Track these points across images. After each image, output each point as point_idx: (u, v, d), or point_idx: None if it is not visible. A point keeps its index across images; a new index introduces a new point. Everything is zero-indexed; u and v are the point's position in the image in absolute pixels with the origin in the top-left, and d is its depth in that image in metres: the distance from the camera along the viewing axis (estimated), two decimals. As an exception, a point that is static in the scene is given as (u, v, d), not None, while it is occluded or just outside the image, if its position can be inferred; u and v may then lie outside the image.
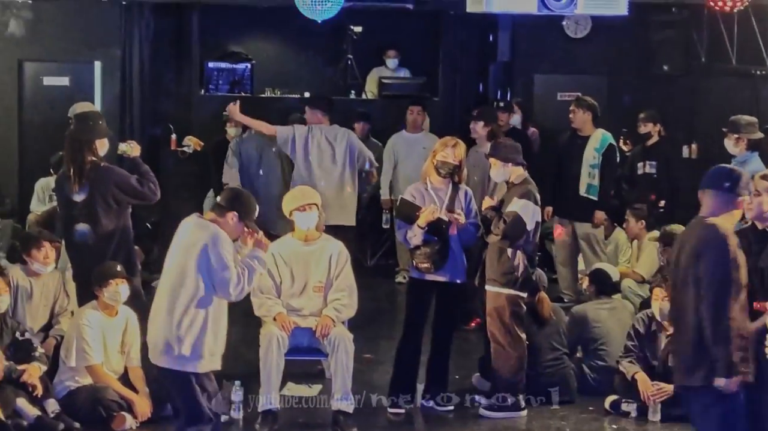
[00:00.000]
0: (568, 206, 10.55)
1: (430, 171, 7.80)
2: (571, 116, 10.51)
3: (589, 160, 10.34)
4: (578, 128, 10.47)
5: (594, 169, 10.32)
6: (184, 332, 6.05)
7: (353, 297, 7.69)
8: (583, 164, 10.35)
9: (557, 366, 8.17)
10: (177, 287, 6.09)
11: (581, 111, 10.42)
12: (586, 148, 10.36)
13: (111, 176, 7.64)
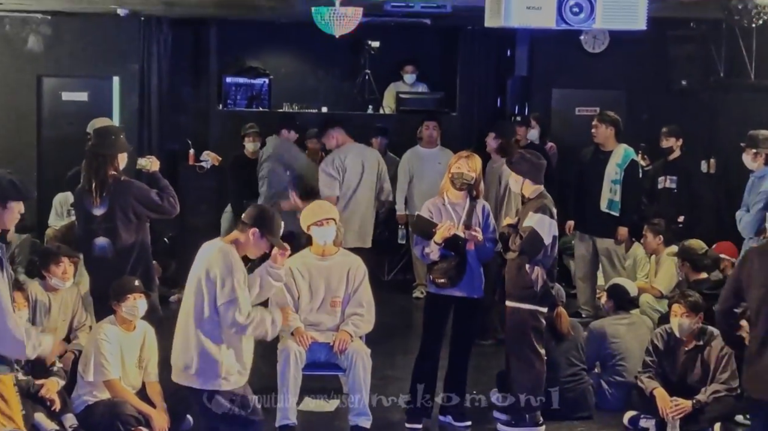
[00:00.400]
0: (589, 221, 10.52)
1: (448, 186, 7.79)
2: (594, 131, 10.48)
3: (611, 175, 10.32)
4: (601, 143, 10.44)
5: (616, 184, 10.29)
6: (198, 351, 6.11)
7: (371, 312, 7.68)
8: (605, 180, 10.32)
9: (575, 381, 8.14)
10: (190, 310, 6.16)
11: (604, 126, 10.40)
12: (608, 163, 10.33)
13: (131, 190, 7.68)
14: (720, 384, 7.87)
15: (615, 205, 10.32)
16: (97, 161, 7.68)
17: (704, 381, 7.93)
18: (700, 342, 7.97)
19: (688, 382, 7.97)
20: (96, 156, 7.71)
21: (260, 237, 6.17)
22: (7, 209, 5.70)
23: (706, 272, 8.81)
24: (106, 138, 7.82)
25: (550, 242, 7.66)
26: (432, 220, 7.70)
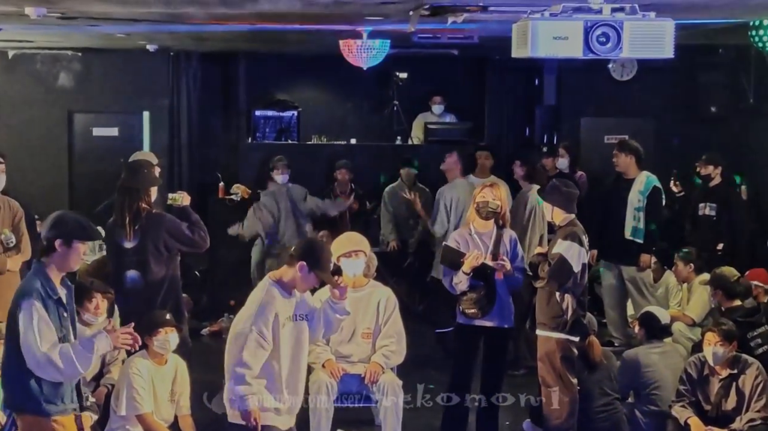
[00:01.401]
0: (613, 249, 10.50)
1: (473, 216, 7.80)
2: (615, 159, 10.49)
3: (633, 203, 10.31)
4: (622, 171, 10.44)
5: (639, 212, 10.28)
6: None
7: (402, 343, 7.67)
8: (628, 207, 10.32)
9: (609, 411, 8.09)
10: None
11: (623, 155, 10.41)
12: (630, 191, 10.32)
13: (163, 223, 7.74)
14: (755, 412, 7.80)
15: (639, 232, 10.30)
16: (130, 194, 7.74)
17: (739, 409, 7.85)
18: (734, 371, 7.90)
19: (723, 411, 7.89)
20: (128, 190, 7.77)
21: (308, 271, 6.11)
22: (72, 249, 5.70)
23: (739, 299, 8.75)
24: (137, 172, 7.88)
25: (580, 270, 7.63)
26: (459, 250, 7.70)
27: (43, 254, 5.73)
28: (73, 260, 5.74)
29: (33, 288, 5.59)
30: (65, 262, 5.72)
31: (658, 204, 10.40)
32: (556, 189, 7.82)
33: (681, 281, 10.09)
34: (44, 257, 5.72)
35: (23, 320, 5.51)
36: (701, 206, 10.83)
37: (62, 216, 5.86)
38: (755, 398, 7.82)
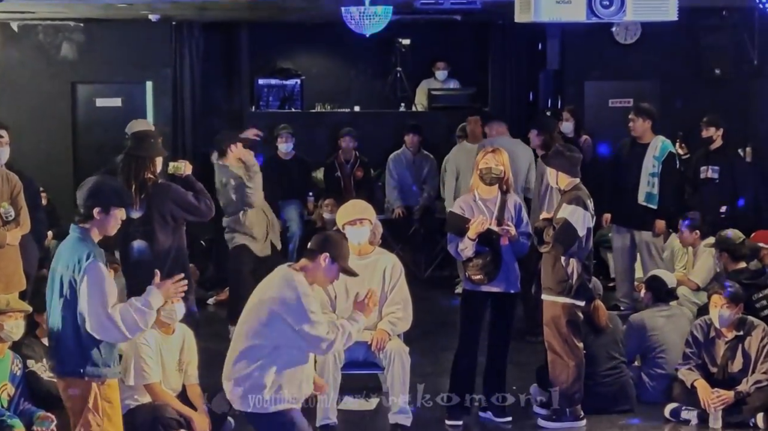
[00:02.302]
0: (626, 214, 10.47)
1: (477, 182, 7.79)
2: (631, 124, 10.42)
3: (648, 168, 10.26)
4: (638, 136, 10.38)
5: (653, 177, 10.23)
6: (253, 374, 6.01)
7: (408, 310, 7.68)
8: (642, 173, 10.26)
9: (615, 375, 8.11)
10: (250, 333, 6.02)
11: (641, 120, 10.35)
12: (645, 156, 10.27)
13: (169, 193, 7.74)
14: (762, 374, 7.83)
15: (653, 198, 10.26)
16: (136, 164, 7.74)
17: (745, 371, 7.89)
18: (740, 333, 7.93)
19: (729, 373, 7.93)
20: (134, 159, 7.77)
21: (332, 263, 6.07)
22: (110, 215, 5.79)
23: (744, 261, 8.76)
24: (144, 141, 7.88)
25: (585, 235, 7.64)
26: (464, 216, 7.70)
27: (81, 221, 5.80)
28: (111, 226, 5.84)
29: (90, 250, 5.68)
30: (104, 228, 5.82)
31: (672, 170, 10.35)
32: (559, 154, 7.82)
33: (686, 246, 10.08)
34: (82, 224, 5.80)
35: (90, 282, 5.59)
36: (703, 169, 10.80)
37: (99, 184, 5.93)
38: (761, 359, 7.85)
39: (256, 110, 13.79)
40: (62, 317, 5.71)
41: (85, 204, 5.79)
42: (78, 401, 5.72)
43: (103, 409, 5.72)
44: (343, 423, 7.64)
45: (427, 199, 12.42)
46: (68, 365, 5.71)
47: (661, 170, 10.23)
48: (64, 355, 5.71)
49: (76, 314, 5.65)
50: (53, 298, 5.77)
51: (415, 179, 12.67)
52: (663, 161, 10.26)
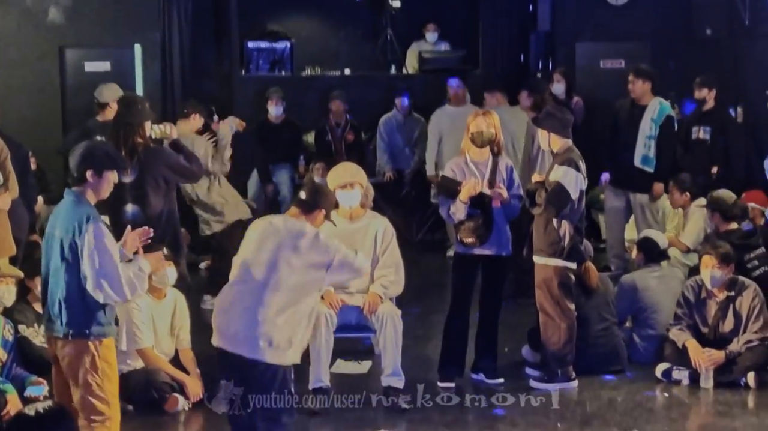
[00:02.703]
0: (623, 175, 10.45)
1: (468, 145, 7.77)
2: (631, 86, 10.35)
3: (645, 131, 10.21)
4: (637, 97, 10.34)
5: (650, 140, 10.19)
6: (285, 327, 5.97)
7: (400, 273, 7.68)
8: (639, 135, 10.22)
9: (607, 335, 8.14)
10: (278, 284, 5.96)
11: (641, 81, 10.29)
12: (642, 118, 10.23)
13: (161, 157, 7.74)
14: (753, 333, 7.87)
15: (649, 161, 10.21)
16: (125, 130, 7.72)
17: (736, 331, 7.92)
18: (731, 293, 7.95)
19: (721, 333, 7.96)
20: (123, 126, 7.74)
21: (324, 218, 6.24)
22: (103, 178, 5.81)
23: (735, 222, 8.77)
24: (131, 107, 7.85)
25: (577, 197, 7.64)
26: (456, 179, 7.69)
27: (74, 185, 5.83)
28: (104, 189, 5.86)
29: (87, 212, 5.70)
30: (97, 191, 5.84)
31: (670, 134, 10.32)
32: (551, 116, 7.81)
33: (676, 208, 10.08)
34: (76, 188, 5.82)
35: (97, 243, 5.61)
36: (694, 130, 10.77)
37: (91, 148, 6.00)
38: (752, 319, 7.88)
39: (246, 73, 13.73)
40: (65, 281, 5.71)
41: (78, 168, 5.83)
42: (76, 361, 5.73)
43: (102, 370, 5.76)
44: (336, 386, 7.64)
45: (419, 162, 12.40)
46: (72, 326, 5.72)
47: (659, 133, 10.18)
48: (68, 317, 5.72)
49: (79, 277, 5.67)
50: (53, 263, 5.77)
51: (406, 142, 12.65)
52: (661, 124, 10.21)
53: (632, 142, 10.24)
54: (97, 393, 5.76)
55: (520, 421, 7.16)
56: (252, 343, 5.88)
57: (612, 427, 6.99)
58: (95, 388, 5.75)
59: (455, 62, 13.55)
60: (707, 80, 10.80)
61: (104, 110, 10.07)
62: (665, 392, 7.82)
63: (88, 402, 5.74)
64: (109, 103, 9.99)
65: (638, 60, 11.15)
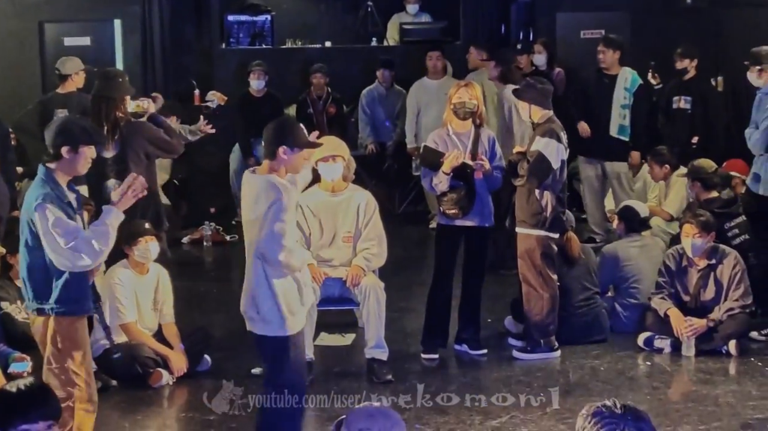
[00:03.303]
0: (597, 146, 10.50)
1: (450, 117, 7.77)
2: (601, 56, 10.42)
3: (619, 100, 10.31)
4: (607, 67, 10.39)
5: (625, 109, 10.28)
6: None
7: (383, 246, 7.69)
8: (614, 105, 10.31)
9: (589, 305, 8.18)
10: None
11: (611, 51, 10.36)
12: (615, 88, 10.29)
13: (143, 131, 7.71)
14: (733, 301, 7.92)
15: (625, 130, 10.33)
16: (107, 104, 7.67)
17: (718, 299, 7.97)
18: (712, 261, 7.99)
19: (702, 301, 8.01)
20: (104, 100, 7.70)
21: (291, 151, 5.75)
22: (79, 154, 5.69)
23: (716, 190, 8.80)
24: (112, 81, 7.80)
25: (559, 167, 7.66)
26: (439, 150, 7.69)
27: (49, 161, 5.72)
28: (81, 165, 5.75)
29: (42, 193, 5.59)
30: (73, 167, 5.72)
31: (644, 101, 10.40)
32: (531, 87, 7.81)
33: (657, 181, 10.11)
34: (51, 164, 5.72)
35: (41, 225, 5.53)
36: (675, 99, 10.80)
37: (66, 122, 5.86)
38: (733, 287, 7.93)
39: (227, 46, 13.67)
40: (27, 258, 5.68)
41: (53, 143, 5.70)
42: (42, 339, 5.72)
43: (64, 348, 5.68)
44: (320, 358, 7.69)
45: (401, 134, 12.39)
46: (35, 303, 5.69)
47: (633, 101, 10.26)
48: (33, 294, 5.69)
49: (38, 254, 5.60)
50: (22, 239, 5.75)
51: (388, 114, 12.63)
52: (634, 92, 10.28)
53: (605, 112, 10.30)
54: (57, 372, 5.66)
55: (503, 390, 7.19)
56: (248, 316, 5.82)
57: (594, 396, 7.01)
58: (56, 367, 5.67)
59: (436, 34, 13.50)
60: (688, 50, 10.81)
61: (65, 82, 10.13)
62: (647, 360, 7.87)
63: (52, 380, 5.64)
64: (71, 75, 10.04)
65: (618, 30, 11.16)
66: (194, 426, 6.78)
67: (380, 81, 12.59)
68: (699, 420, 6.72)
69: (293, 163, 5.79)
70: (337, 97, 12.59)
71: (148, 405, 7.17)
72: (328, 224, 7.63)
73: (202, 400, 7.01)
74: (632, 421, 3.17)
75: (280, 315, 5.71)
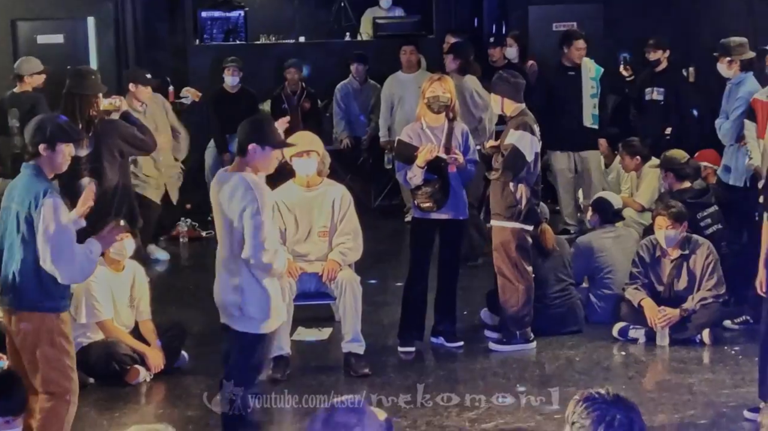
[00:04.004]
0: (570, 137, 10.58)
1: (424, 111, 7.80)
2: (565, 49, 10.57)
3: (588, 90, 10.43)
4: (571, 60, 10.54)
5: (594, 98, 10.41)
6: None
7: (358, 240, 7.71)
8: (584, 95, 10.41)
9: (564, 297, 8.23)
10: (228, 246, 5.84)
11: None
12: (582, 79, 10.42)
13: (117, 129, 7.71)
14: (707, 291, 7.98)
15: (597, 119, 10.45)
16: (81, 102, 7.65)
17: (691, 289, 8.03)
18: (685, 251, 8.05)
19: (675, 291, 8.07)
20: (78, 98, 7.68)
21: (263, 149, 5.76)
22: (57, 152, 5.73)
23: (688, 181, 8.86)
24: (85, 79, 7.79)
25: (533, 160, 7.70)
26: (413, 144, 7.72)
27: (31, 159, 5.76)
28: (60, 163, 5.79)
29: (45, 186, 5.66)
30: (53, 164, 5.77)
31: (608, 87, 10.57)
32: (503, 80, 7.85)
33: (629, 172, 10.18)
34: (33, 161, 5.76)
35: (49, 214, 5.56)
36: (648, 91, 10.87)
37: (42, 121, 5.88)
38: (706, 277, 7.99)
39: (201, 43, 13.66)
40: (21, 254, 5.69)
41: (31, 142, 5.75)
42: (32, 336, 5.73)
43: (60, 344, 5.74)
44: (297, 353, 7.71)
45: (375, 128, 12.40)
46: (26, 300, 5.71)
47: (600, 89, 10.40)
48: (22, 290, 5.71)
49: (34, 250, 5.63)
50: (8, 236, 5.75)
51: (362, 108, 12.65)
52: (600, 79, 10.43)
53: (576, 104, 10.39)
54: (56, 367, 5.72)
55: (479, 383, 7.24)
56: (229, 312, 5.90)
57: (570, 386, 7.06)
58: (54, 362, 5.72)
59: (409, 28, 13.52)
60: (660, 42, 10.89)
61: (21, 82, 10.29)
62: (622, 350, 7.93)
63: (47, 377, 5.71)
64: (24, 76, 10.09)
65: (591, 22, 11.24)
66: (172, 422, 6.77)
67: (354, 76, 12.60)
68: (674, 409, 6.78)
69: (264, 161, 5.81)
70: (312, 92, 12.59)
71: (125, 402, 7.17)
72: (304, 219, 7.64)
73: (179, 397, 7.02)
74: (623, 410, 3.20)
75: (265, 315, 5.80)
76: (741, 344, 7.89)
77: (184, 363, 7.68)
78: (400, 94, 11.55)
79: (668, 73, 10.89)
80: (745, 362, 7.47)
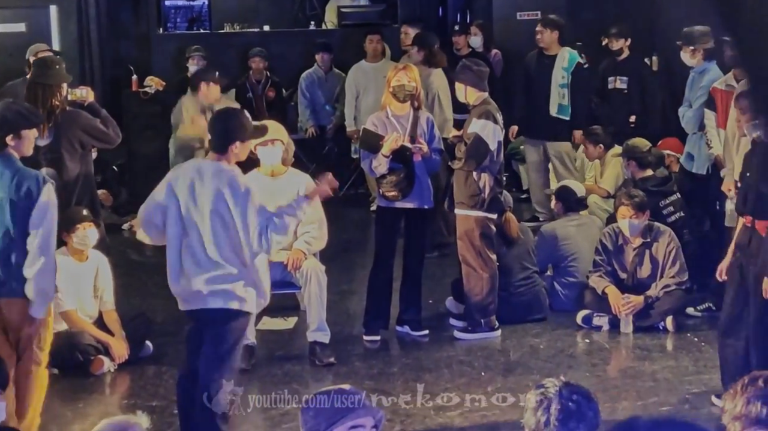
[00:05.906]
0: (538, 126, 10.59)
1: (389, 100, 7.80)
2: (539, 36, 10.51)
3: (558, 80, 10.39)
4: (545, 47, 10.49)
5: (563, 89, 10.36)
6: None
7: (323, 229, 7.70)
8: (553, 85, 10.40)
9: (528, 284, 8.26)
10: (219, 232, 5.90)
11: (549, 31, 10.46)
12: (554, 68, 10.39)
13: (78, 120, 7.63)
14: (669, 278, 8.04)
15: (565, 109, 10.41)
16: (43, 91, 7.59)
17: (654, 276, 8.08)
18: (647, 239, 8.10)
19: (638, 279, 8.12)
20: (41, 87, 7.62)
21: (242, 144, 5.87)
22: (22, 138, 5.81)
23: (651, 169, 8.92)
24: (49, 68, 7.72)
25: (496, 148, 7.72)
26: (378, 133, 7.72)
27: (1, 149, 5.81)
28: (26, 147, 5.90)
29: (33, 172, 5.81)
30: (19, 151, 5.87)
31: (582, 80, 10.50)
32: (466, 68, 7.86)
33: (592, 160, 10.22)
34: (2, 151, 5.80)
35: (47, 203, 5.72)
36: (611, 80, 10.89)
37: (3, 110, 5.91)
38: (669, 264, 8.05)
39: (164, 31, 13.60)
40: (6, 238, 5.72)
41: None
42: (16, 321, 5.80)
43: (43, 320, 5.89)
44: (262, 342, 7.70)
45: (340, 117, 12.40)
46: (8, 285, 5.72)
47: (571, 80, 10.37)
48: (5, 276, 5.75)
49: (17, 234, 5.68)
50: None
51: (327, 98, 12.64)
52: (572, 71, 10.39)
53: (545, 93, 10.39)
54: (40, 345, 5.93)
55: (444, 372, 7.26)
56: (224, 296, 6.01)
57: (534, 374, 7.11)
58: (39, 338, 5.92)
59: (374, 17, 13.53)
60: (622, 30, 10.91)
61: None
62: (586, 338, 7.98)
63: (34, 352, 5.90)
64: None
65: (554, 11, 11.23)
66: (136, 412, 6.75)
67: (319, 64, 12.59)
68: (637, 396, 6.83)
69: (243, 152, 5.94)
70: (276, 81, 12.57)
71: (89, 393, 7.15)
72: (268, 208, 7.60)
73: (144, 387, 6.99)
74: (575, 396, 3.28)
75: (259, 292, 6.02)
76: (704, 331, 7.94)
77: (149, 352, 7.66)
78: (364, 83, 11.53)
79: (631, 61, 10.92)
80: (708, 349, 7.52)
